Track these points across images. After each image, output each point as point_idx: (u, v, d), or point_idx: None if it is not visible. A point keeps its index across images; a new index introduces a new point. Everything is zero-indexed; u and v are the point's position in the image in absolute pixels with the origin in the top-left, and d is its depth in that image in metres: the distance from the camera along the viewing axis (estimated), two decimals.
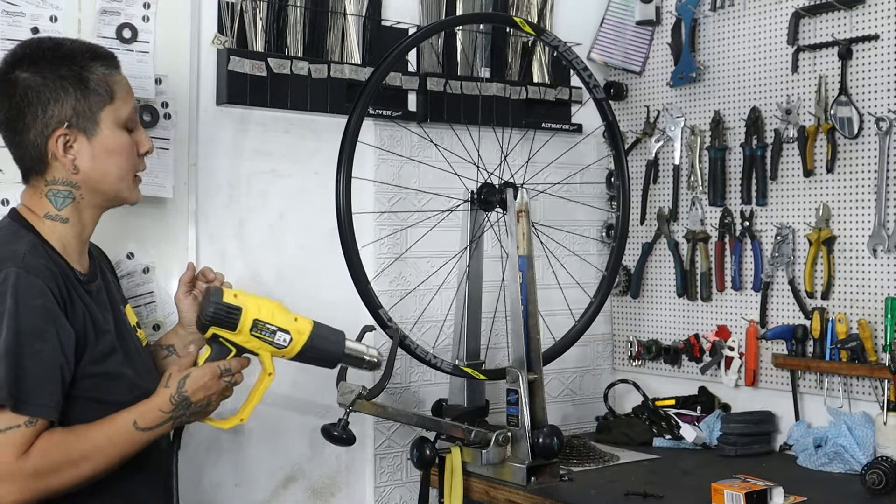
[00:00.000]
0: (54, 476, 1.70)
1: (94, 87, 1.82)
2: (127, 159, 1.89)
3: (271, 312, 1.89)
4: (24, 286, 1.69)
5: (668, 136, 3.16)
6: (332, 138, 2.56)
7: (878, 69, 2.67)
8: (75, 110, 1.80)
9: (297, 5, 2.67)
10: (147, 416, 1.79)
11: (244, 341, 1.88)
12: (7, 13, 2.23)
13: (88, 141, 1.83)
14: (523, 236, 2.55)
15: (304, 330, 1.92)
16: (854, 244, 2.72)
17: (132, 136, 1.91)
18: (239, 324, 1.86)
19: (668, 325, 3.20)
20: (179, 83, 2.49)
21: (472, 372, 2.61)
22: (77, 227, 1.86)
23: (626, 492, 2.42)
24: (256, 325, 1.87)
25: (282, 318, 1.90)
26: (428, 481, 2.62)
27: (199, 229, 2.55)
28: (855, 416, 2.63)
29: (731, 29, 3.02)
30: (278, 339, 1.89)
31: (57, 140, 1.80)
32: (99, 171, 1.85)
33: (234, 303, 1.86)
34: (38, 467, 1.67)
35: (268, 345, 1.89)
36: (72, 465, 1.71)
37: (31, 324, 1.68)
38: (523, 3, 3.12)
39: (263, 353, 1.90)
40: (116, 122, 1.86)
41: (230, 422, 1.95)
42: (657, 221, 3.20)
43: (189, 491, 2.51)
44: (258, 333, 1.87)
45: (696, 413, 2.98)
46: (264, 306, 1.89)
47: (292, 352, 1.92)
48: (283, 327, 1.89)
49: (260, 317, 1.87)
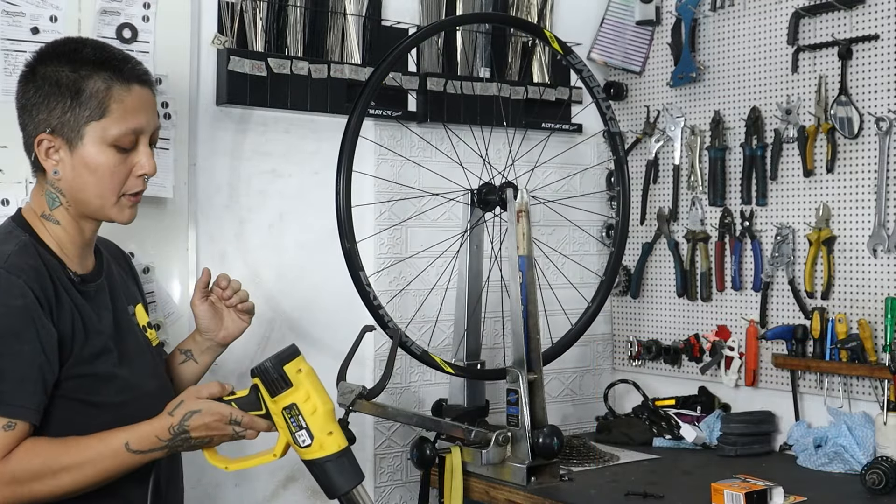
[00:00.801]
0: (32, 484, 1.65)
1: (85, 100, 1.76)
2: (107, 179, 1.79)
3: (314, 409, 1.78)
4: (5, 287, 1.67)
5: (668, 136, 3.16)
6: (332, 138, 2.56)
7: (878, 69, 2.67)
8: (61, 119, 1.76)
9: (297, 5, 2.67)
10: (142, 440, 1.72)
11: (273, 413, 1.80)
12: (7, 13, 2.23)
13: (70, 152, 1.78)
14: (523, 236, 2.55)
15: (327, 448, 1.79)
16: (854, 244, 2.72)
17: (128, 157, 1.82)
18: (279, 396, 1.77)
19: (668, 325, 3.20)
20: (179, 83, 2.49)
21: (439, 361, 2.55)
22: (71, 231, 1.83)
23: (626, 492, 2.42)
24: (291, 409, 1.78)
25: (318, 422, 1.78)
26: (428, 481, 2.62)
27: (199, 229, 2.56)
28: (855, 416, 2.63)
29: (731, 29, 3.02)
30: (298, 436, 1.78)
31: (39, 144, 1.78)
32: (77, 183, 1.80)
33: (290, 376, 1.77)
34: (17, 473, 1.64)
35: (288, 433, 1.79)
36: (52, 475, 1.66)
37: (9, 325, 1.66)
38: (523, 3, 3.12)
39: (282, 436, 1.82)
40: (103, 139, 1.78)
41: (217, 461, 1.86)
42: (657, 221, 3.20)
43: (189, 491, 2.51)
44: (286, 416, 1.78)
45: (696, 413, 2.98)
46: (313, 399, 1.78)
47: (304, 455, 1.81)
48: (312, 430, 1.78)
49: (299, 405, 1.77)
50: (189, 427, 1.74)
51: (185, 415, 1.75)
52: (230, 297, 2.08)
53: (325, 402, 1.80)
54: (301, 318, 2.71)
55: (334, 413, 1.82)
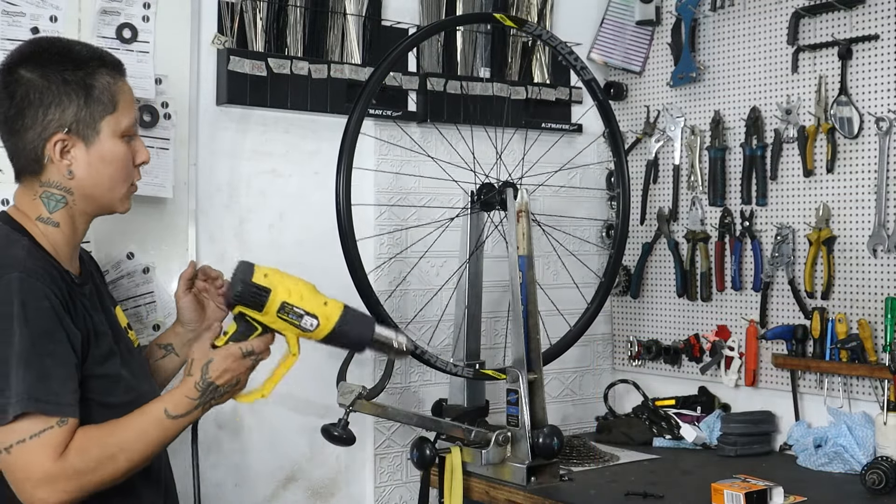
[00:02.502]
0: (94, 473, 1.68)
1: (98, 95, 1.80)
2: (122, 170, 1.86)
3: (300, 295, 1.85)
4: (28, 290, 1.67)
5: (668, 136, 3.16)
6: (332, 138, 2.56)
7: (878, 69, 2.67)
8: (76, 117, 1.79)
9: (297, 5, 2.67)
10: (177, 404, 1.77)
11: (270, 322, 1.84)
12: (7, 13, 2.23)
13: (86, 148, 1.81)
14: (523, 236, 2.55)
15: (332, 315, 1.87)
16: (854, 244, 2.72)
17: (130, 146, 1.88)
18: (266, 305, 1.82)
19: (668, 325, 3.20)
20: (179, 83, 2.49)
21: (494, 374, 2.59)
22: (68, 232, 1.84)
23: (626, 492, 2.42)
24: (284, 307, 1.83)
25: (311, 302, 1.86)
26: (428, 481, 2.62)
27: (199, 229, 2.56)
28: (855, 416, 2.63)
29: (731, 29, 3.02)
30: (305, 323, 1.85)
31: (55, 144, 1.79)
32: (93, 179, 1.82)
33: (263, 283, 1.82)
34: (78, 466, 1.66)
35: (294, 327, 1.85)
36: (110, 459, 1.70)
37: (42, 326, 1.67)
38: (523, 3, 3.12)
39: (289, 335, 1.87)
40: (116, 132, 1.83)
41: (252, 396, 1.91)
42: (657, 221, 3.20)
43: (189, 491, 2.51)
44: (285, 316, 1.83)
45: (696, 413, 2.98)
46: (294, 288, 1.85)
47: (319, 335, 1.87)
48: (311, 311, 1.85)
49: (289, 300, 1.83)
50: (212, 377, 1.79)
51: (202, 368, 1.79)
52: (221, 285, 2.09)
53: (304, 283, 1.87)
54: None
55: (315, 287, 1.88)
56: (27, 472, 1.64)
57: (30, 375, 1.64)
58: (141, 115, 2.40)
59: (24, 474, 1.64)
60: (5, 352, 1.64)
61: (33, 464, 1.64)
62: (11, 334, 1.64)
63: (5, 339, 1.64)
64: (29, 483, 1.64)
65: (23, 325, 1.65)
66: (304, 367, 2.68)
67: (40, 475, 1.64)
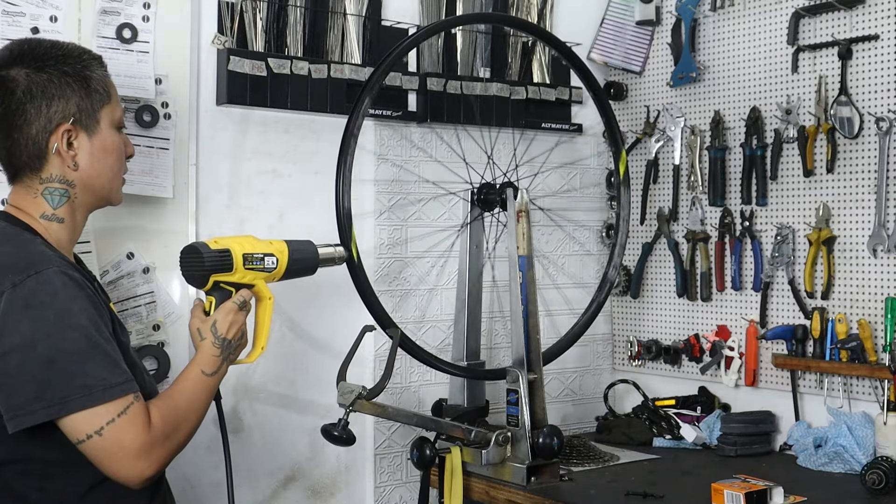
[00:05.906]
0: (176, 437, 1.78)
1: (95, 86, 1.86)
2: (120, 160, 1.93)
3: (251, 244, 2.04)
4: (65, 283, 1.70)
5: (668, 136, 3.16)
6: (332, 138, 2.56)
7: (878, 69, 2.67)
8: (79, 107, 1.83)
9: (297, 5, 2.67)
10: (207, 363, 1.88)
11: (241, 277, 2.01)
12: (7, 13, 2.23)
13: (89, 139, 1.85)
14: (523, 236, 2.55)
15: (283, 249, 2.10)
16: (854, 244, 2.72)
17: (122, 137, 1.95)
18: (234, 263, 1.99)
19: (668, 325, 3.20)
20: (179, 83, 2.49)
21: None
22: (70, 228, 1.87)
23: (626, 492, 2.42)
24: (247, 258, 2.01)
25: (262, 246, 2.06)
26: (428, 481, 2.62)
27: (199, 229, 2.55)
28: (855, 416, 2.63)
29: (731, 29, 3.02)
30: (268, 264, 2.05)
31: (62, 135, 1.82)
32: (95, 169, 1.87)
33: (218, 249, 1.98)
34: (165, 431, 1.75)
35: (260, 272, 2.04)
36: (185, 421, 1.80)
37: (91, 315, 1.72)
38: (523, 3, 3.12)
39: (259, 282, 2.05)
40: (112, 122, 1.90)
41: (252, 355, 2.07)
42: (657, 221, 3.20)
43: (189, 491, 2.52)
44: (251, 265, 2.02)
45: (696, 413, 2.98)
46: (244, 241, 2.04)
47: (280, 272, 2.09)
48: (268, 252, 2.06)
49: (246, 251, 2.02)
50: (222, 333, 1.92)
51: (211, 329, 1.92)
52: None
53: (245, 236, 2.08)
54: (301, 318, 2.71)
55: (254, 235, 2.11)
56: (124, 449, 1.69)
57: (103, 359, 1.70)
58: (141, 115, 2.41)
59: (121, 452, 1.69)
60: (74, 343, 1.68)
61: (127, 440, 1.69)
62: (73, 326, 1.68)
63: (68, 331, 1.68)
64: (127, 459, 1.69)
65: (77, 316, 1.69)
66: (304, 367, 2.69)
67: (137, 448, 1.70)
